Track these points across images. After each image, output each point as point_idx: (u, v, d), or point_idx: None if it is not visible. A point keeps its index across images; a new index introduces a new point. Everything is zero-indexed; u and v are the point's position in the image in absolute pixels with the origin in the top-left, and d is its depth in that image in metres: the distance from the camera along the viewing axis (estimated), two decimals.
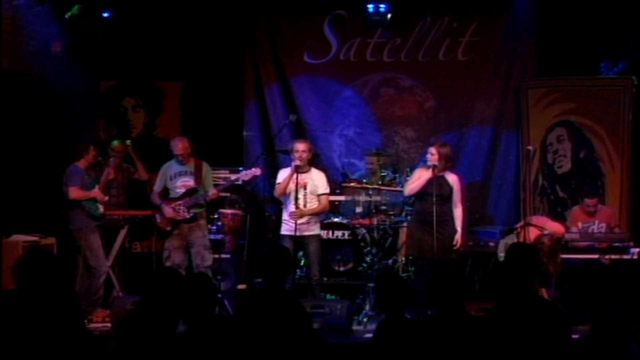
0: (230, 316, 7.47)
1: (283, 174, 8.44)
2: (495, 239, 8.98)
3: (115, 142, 9.45)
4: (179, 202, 8.50)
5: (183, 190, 8.54)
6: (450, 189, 8.00)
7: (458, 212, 8.02)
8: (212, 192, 8.61)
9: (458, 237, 7.96)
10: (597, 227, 8.74)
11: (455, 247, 7.94)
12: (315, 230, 8.38)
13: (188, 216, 8.50)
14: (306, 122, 10.43)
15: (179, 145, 8.60)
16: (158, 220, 8.57)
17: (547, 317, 4.61)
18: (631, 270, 8.10)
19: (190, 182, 8.57)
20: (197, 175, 8.59)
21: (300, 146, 8.37)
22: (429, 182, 8.00)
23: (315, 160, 9.93)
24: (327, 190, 8.45)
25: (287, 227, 8.29)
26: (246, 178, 8.62)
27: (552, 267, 8.11)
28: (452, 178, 8.05)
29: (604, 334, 4.34)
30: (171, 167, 8.66)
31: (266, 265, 5.25)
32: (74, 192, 8.53)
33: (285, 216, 8.36)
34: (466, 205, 8.23)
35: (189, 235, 8.52)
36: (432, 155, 8.05)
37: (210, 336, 4.50)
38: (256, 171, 8.63)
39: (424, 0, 9.98)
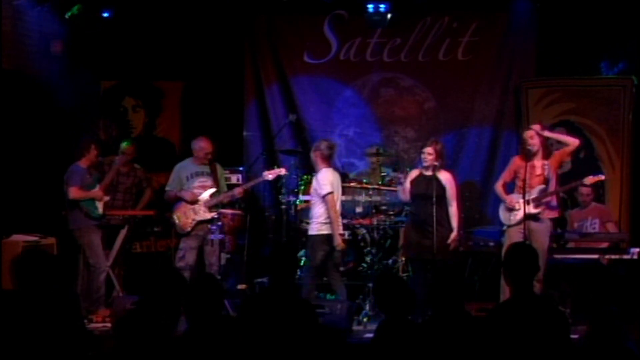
0: (234, 317, 7.47)
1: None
2: (495, 239, 8.97)
3: (125, 144, 9.37)
4: (199, 203, 8.48)
5: (201, 191, 8.50)
6: (443, 188, 7.98)
7: (453, 211, 7.99)
8: (237, 190, 8.62)
9: (453, 236, 7.95)
10: (590, 223, 8.76)
11: (450, 247, 7.92)
12: (311, 230, 8.18)
13: (209, 217, 8.47)
14: (306, 122, 10.43)
15: (205, 144, 8.52)
16: (178, 220, 8.48)
17: (547, 317, 4.61)
18: (631, 270, 8.10)
19: (208, 182, 8.55)
20: (214, 175, 8.57)
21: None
22: (417, 183, 8.03)
23: None
24: (324, 191, 8.00)
25: None
26: (270, 177, 8.61)
27: None
28: (444, 177, 8.03)
29: (600, 334, 4.35)
30: (187, 167, 8.59)
31: (271, 264, 5.25)
32: (74, 192, 8.53)
33: None
34: (460, 203, 8.20)
35: (207, 234, 8.47)
36: (430, 155, 8.02)
37: (213, 336, 4.50)
38: (281, 170, 8.64)
39: (424, 0, 9.98)
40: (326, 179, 8.03)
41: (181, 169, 8.61)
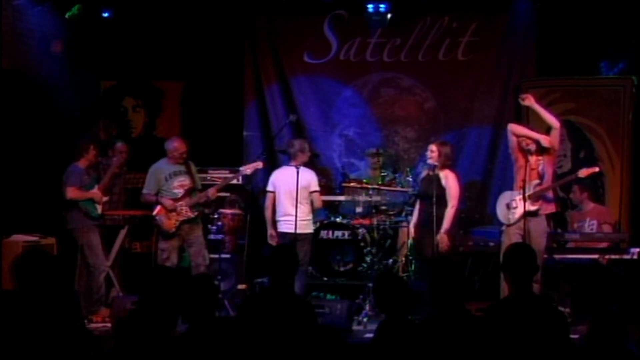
0: (232, 318, 7.47)
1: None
2: (495, 239, 8.96)
3: (119, 143, 9.37)
4: (180, 203, 8.46)
5: (181, 190, 8.47)
6: (443, 189, 7.98)
7: (447, 211, 7.94)
8: (211, 191, 8.59)
9: (439, 237, 7.91)
10: (589, 224, 8.76)
11: (440, 248, 7.87)
12: None
13: (192, 215, 8.47)
14: (306, 122, 10.43)
15: (179, 145, 8.50)
16: (161, 222, 8.44)
17: (545, 317, 4.61)
18: (631, 270, 8.10)
19: (186, 181, 8.51)
20: (190, 174, 8.56)
21: None
22: (424, 182, 8.05)
23: (315, 160, 9.98)
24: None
25: None
26: (249, 172, 8.64)
27: None
28: (445, 177, 8.02)
29: (601, 333, 4.35)
30: (163, 168, 8.53)
31: (271, 264, 5.26)
32: (72, 192, 8.52)
33: None
34: (460, 205, 8.15)
35: (188, 234, 8.47)
36: (432, 152, 8.06)
37: (211, 337, 4.50)
38: (258, 164, 8.64)
39: (424, 0, 9.98)
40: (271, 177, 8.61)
41: (157, 170, 8.53)
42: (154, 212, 8.48)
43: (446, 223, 7.92)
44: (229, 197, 9.57)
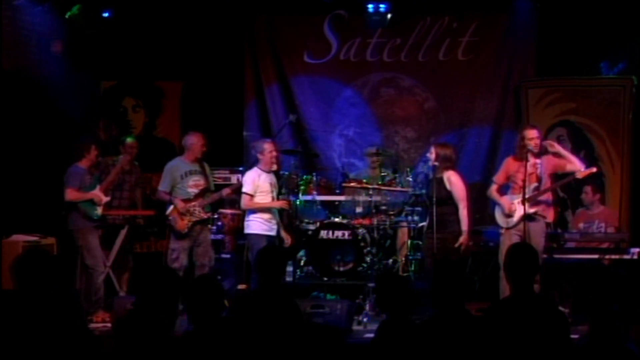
0: (233, 318, 7.46)
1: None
2: (495, 239, 8.96)
3: (129, 139, 9.33)
4: (193, 204, 8.44)
5: (195, 190, 8.44)
6: (448, 190, 7.97)
7: (461, 213, 7.96)
8: (225, 191, 8.62)
9: (461, 239, 7.93)
10: (597, 226, 8.75)
11: (458, 247, 7.89)
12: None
13: (205, 217, 8.46)
14: (306, 122, 10.44)
15: (197, 138, 8.45)
16: (174, 222, 8.39)
17: (546, 316, 4.61)
18: (631, 270, 8.10)
19: (201, 181, 8.48)
20: (205, 174, 8.55)
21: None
22: (428, 184, 8.07)
23: (314, 160, 9.97)
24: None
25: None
26: None
27: None
28: (448, 179, 8.00)
29: (601, 333, 4.35)
30: (179, 166, 8.49)
31: (259, 265, 5.28)
32: (71, 194, 8.46)
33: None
34: (469, 204, 8.18)
35: (199, 235, 8.45)
36: (431, 154, 8.12)
37: (215, 338, 4.50)
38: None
39: (424, 0, 9.98)
40: None
41: (173, 168, 8.50)
42: (167, 212, 8.46)
43: (464, 224, 7.94)
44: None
